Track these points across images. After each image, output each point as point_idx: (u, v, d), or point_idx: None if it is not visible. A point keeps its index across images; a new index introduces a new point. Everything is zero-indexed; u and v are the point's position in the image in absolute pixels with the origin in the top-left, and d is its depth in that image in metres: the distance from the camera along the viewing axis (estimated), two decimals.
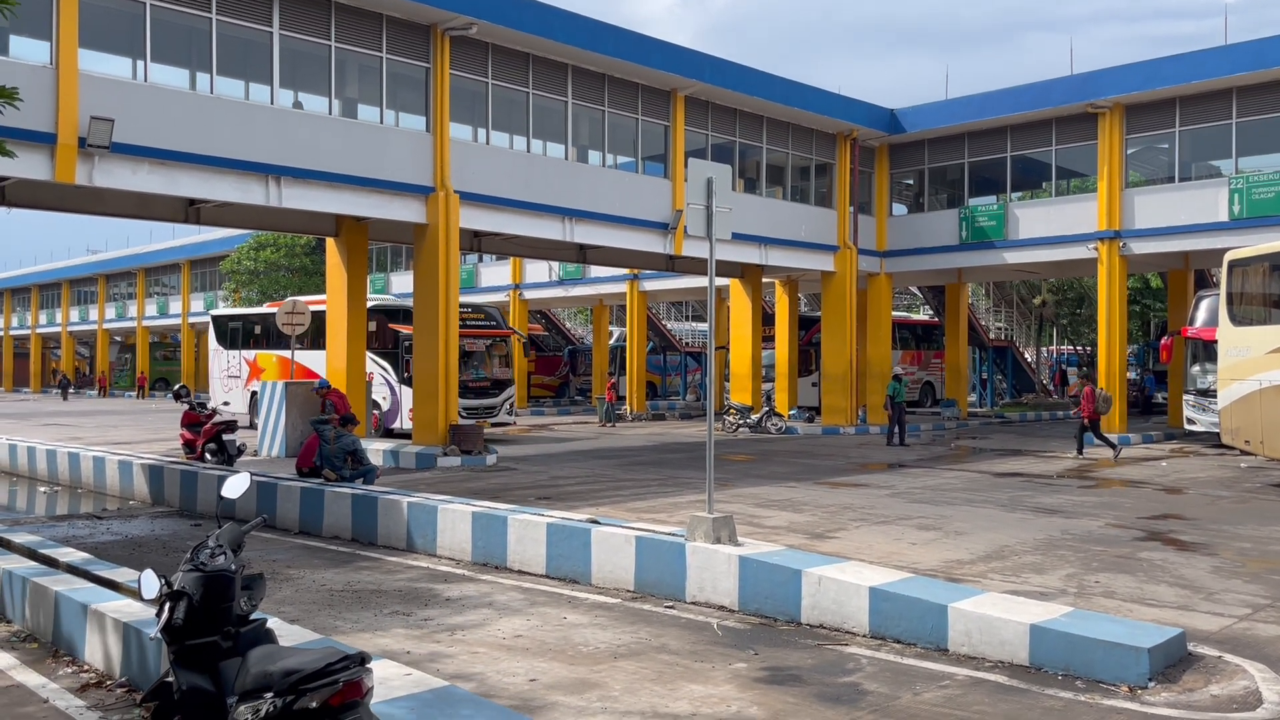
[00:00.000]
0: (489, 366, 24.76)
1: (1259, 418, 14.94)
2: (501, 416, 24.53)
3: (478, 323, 24.83)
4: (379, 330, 23.94)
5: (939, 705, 5.62)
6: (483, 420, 22.89)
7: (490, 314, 25.68)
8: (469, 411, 22.51)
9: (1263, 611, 7.56)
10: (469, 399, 22.95)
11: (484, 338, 24.71)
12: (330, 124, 17.55)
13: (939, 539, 10.60)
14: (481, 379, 24.28)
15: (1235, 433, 15.82)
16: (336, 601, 8.15)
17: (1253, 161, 23.28)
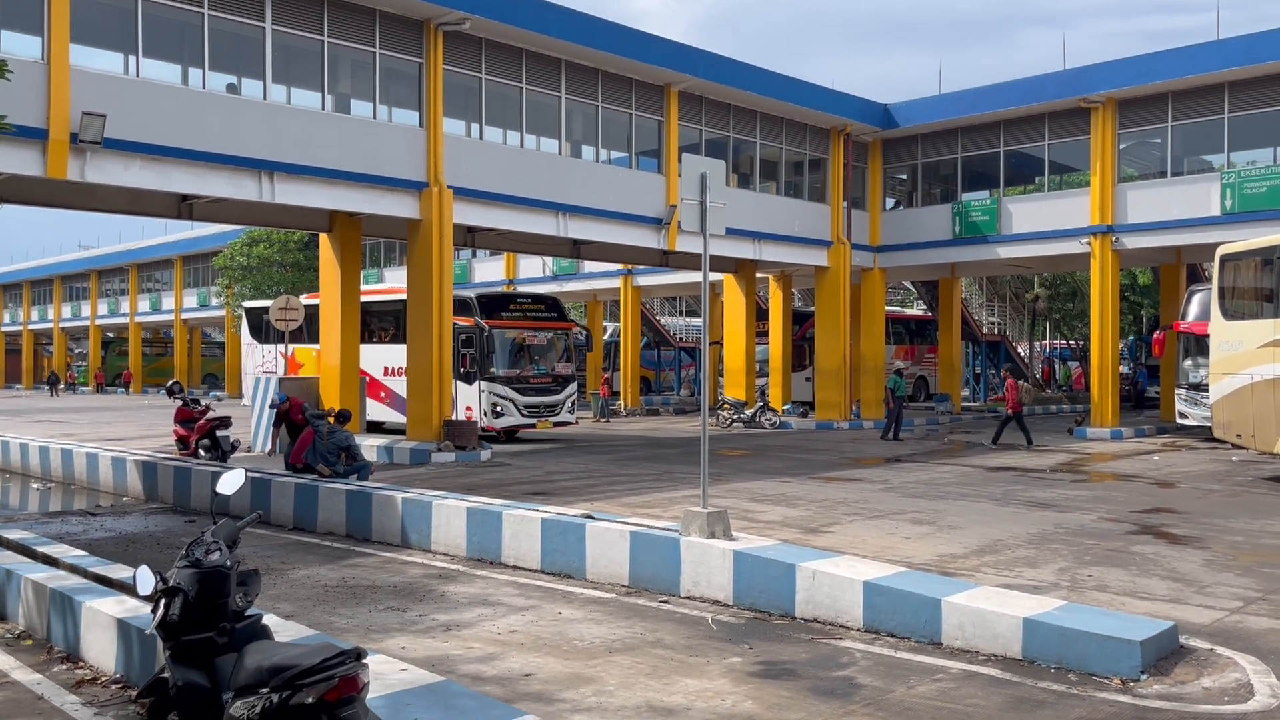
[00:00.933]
0: (550, 361, 22.95)
1: (1250, 411, 14.98)
2: (563, 415, 22.82)
3: (538, 313, 23.19)
4: None
5: (933, 698, 5.64)
6: (544, 420, 22.15)
7: (552, 304, 23.85)
8: (529, 410, 21.76)
9: (1254, 604, 7.60)
10: (530, 396, 21.91)
11: (545, 330, 23.00)
12: (323, 119, 17.51)
13: (932, 533, 10.64)
14: (543, 375, 22.52)
15: (1227, 426, 15.86)
16: (331, 597, 8.15)
17: (1245, 156, 23.36)
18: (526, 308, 22.94)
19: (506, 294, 24.26)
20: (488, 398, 21.35)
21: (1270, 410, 14.41)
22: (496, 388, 21.39)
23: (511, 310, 22.50)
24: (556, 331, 23.24)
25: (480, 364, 21.39)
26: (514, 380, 21.68)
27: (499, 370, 21.56)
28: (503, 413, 21.40)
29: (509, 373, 21.73)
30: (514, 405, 21.51)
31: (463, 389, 21.57)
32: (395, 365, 22.74)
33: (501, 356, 21.74)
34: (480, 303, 21.95)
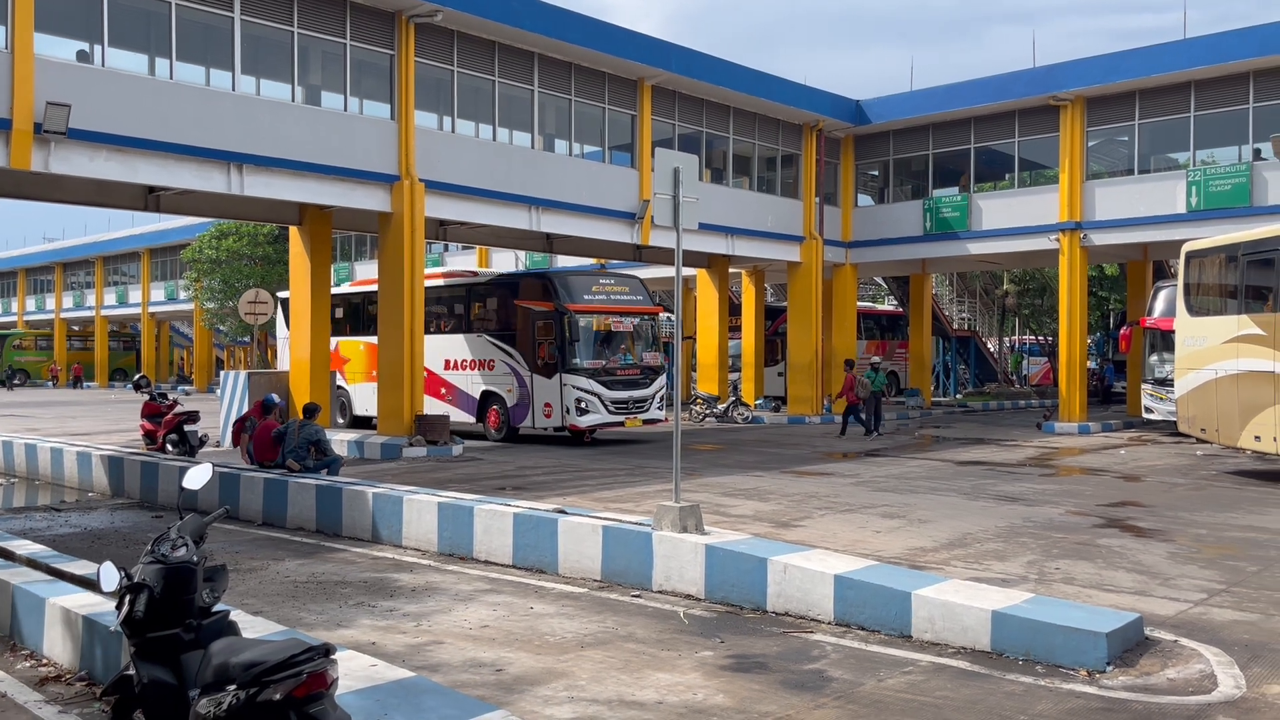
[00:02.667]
0: (638, 350, 20.50)
1: (1214, 406, 15.16)
2: (653, 412, 20.27)
3: (621, 296, 20.48)
4: (502, 308, 20.77)
5: (902, 691, 5.68)
6: (632, 417, 19.72)
7: (637, 286, 21.28)
8: (617, 407, 19.44)
9: (1218, 596, 7.71)
10: (617, 391, 19.53)
11: (632, 314, 20.35)
12: (293, 111, 17.34)
13: (903, 527, 10.71)
14: (630, 366, 20.03)
15: (1191, 421, 16.06)
16: (301, 593, 8.09)
17: (1210, 154, 23.66)
18: (611, 290, 20.32)
19: (589, 274, 21.45)
20: (571, 392, 19.03)
21: (1234, 405, 14.59)
22: (580, 381, 19.08)
23: (595, 293, 19.93)
24: (644, 317, 20.72)
25: (561, 354, 19.06)
26: (599, 372, 19.31)
27: (582, 361, 19.17)
28: (587, 409, 19.11)
29: (594, 364, 19.33)
30: (600, 401, 19.17)
31: (540, 383, 19.56)
32: (460, 358, 21.25)
33: (586, 345, 19.35)
34: (561, 284, 19.68)
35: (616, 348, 19.97)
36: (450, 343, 21.51)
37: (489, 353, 20.57)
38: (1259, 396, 13.88)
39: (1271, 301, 13.94)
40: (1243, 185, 21.60)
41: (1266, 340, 13.72)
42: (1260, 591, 7.85)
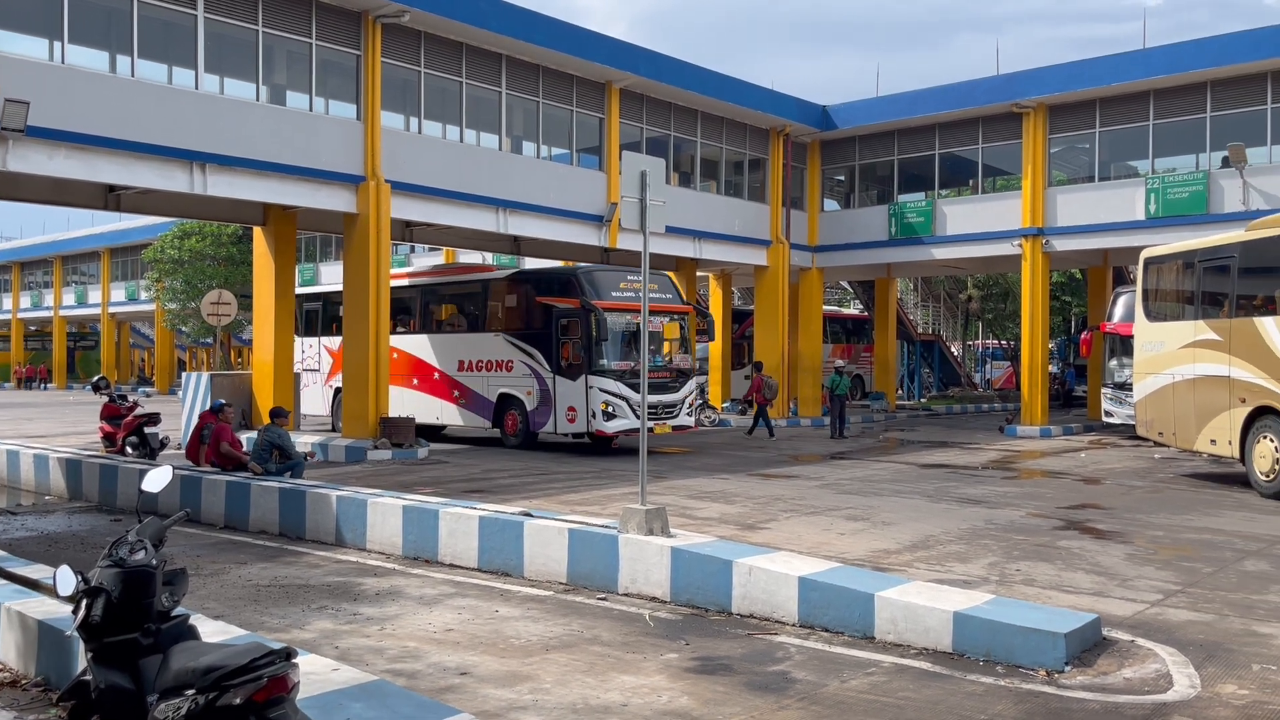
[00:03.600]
0: (668, 351, 19.31)
1: (1171, 410, 15.37)
2: (682, 418, 18.93)
3: (651, 294, 18.72)
4: (522, 305, 19.56)
5: (865, 692, 5.72)
6: (661, 423, 18.35)
7: (667, 282, 20.15)
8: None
9: (1174, 597, 7.84)
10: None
11: (662, 313, 19.11)
12: (257, 110, 17.18)
13: (867, 529, 10.79)
14: (659, 368, 18.67)
15: (1149, 424, 16.27)
16: (263, 597, 8.02)
17: (1168, 162, 24.07)
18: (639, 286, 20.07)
19: (615, 269, 20.35)
20: (597, 396, 17.79)
21: (1190, 409, 14.81)
22: (607, 383, 17.84)
23: (623, 290, 18.59)
24: (674, 315, 19.44)
25: (587, 355, 17.83)
26: (628, 375, 17.87)
27: (609, 362, 17.97)
28: (614, 414, 17.86)
29: (621, 365, 18.04)
30: (628, 405, 17.83)
31: (563, 386, 18.33)
32: (475, 358, 20.13)
33: (613, 346, 18.14)
34: (587, 279, 18.41)
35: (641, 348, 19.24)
36: (464, 342, 20.54)
37: (507, 353, 19.45)
38: (1214, 401, 14.10)
39: (1227, 307, 14.15)
40: (1200, 193, 21.98)
41: (1222, 345, 13.93)
42: (1215, 592, 7.99)
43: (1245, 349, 13.40)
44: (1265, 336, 13.02)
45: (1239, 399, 13.53)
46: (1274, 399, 12.86)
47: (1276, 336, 12.83)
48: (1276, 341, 12.82)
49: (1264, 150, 21.72)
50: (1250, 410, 13.31)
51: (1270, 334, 12.94)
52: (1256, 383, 13.17)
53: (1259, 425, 13.21)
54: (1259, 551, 9.65)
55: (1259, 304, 13.54)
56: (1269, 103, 21.38)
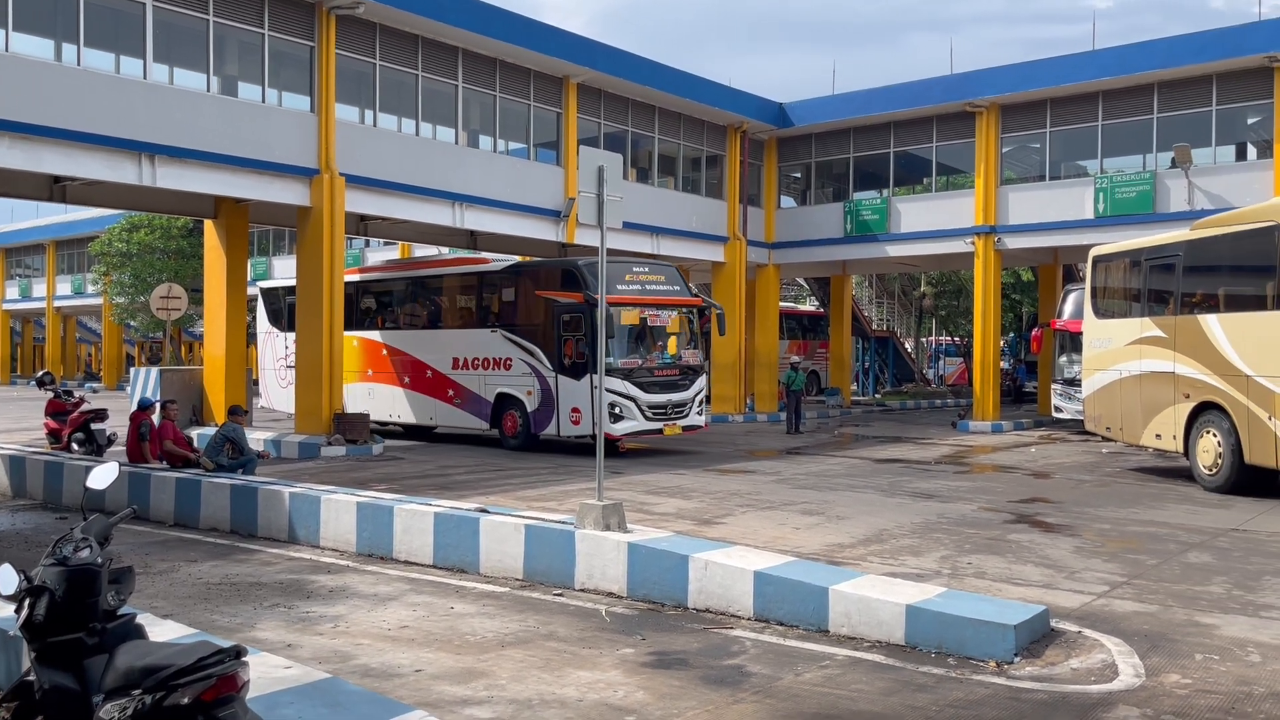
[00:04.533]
0: (676, 347, 18.14)
1: (1118, 406, 15.64)
2: (692, 418, 18.03)
3: (658, 286, 17.98)
4: (521, 299, 18.65)
5: (819, 685, 5.78)
6: (671, 424, 17.50)
7: (674, 274, 18.91)
8: (655, 412, 17.22)
9: (1119, 589, 8.00)
10: (655, 394, 17.24)
11: (671, 307, 18.02)
12: (208, 101, 16.91)
13: (822, 523, 10.88)
14: (668, 365, 17.74)
15: (1097, 420, 16.54)
16: (214, 595, 7.90)
17: (1116, 162, 24.52)
18: (646, 279, 17.86)
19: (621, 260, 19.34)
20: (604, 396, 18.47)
21: (1137, 404, 15.06)
22: (614, 383, 16.69)
23: (629, 282, 17.51)
24: (683, 309, 18.32)
25: (592, 352, 16.56)
26: (635, 373, 17.12)
27: (616, 360, 16.87)
28: (622, 415, 16.88)
29: (629, 363, 17.13)
30: (636, 406, 17.01)
31: (566, 385, 17.32)
32: (471, 356, 19.14)
33: (620, 342, 17.06)
34: (591, 272, 17.09)
35: (653, 345, 17.75)
36: (460, 339, 19.57)
37: (506, 350, 18.43)
38: (1160, 396, 14.37)
39: (1172, 305, 14.42)
40: (1147, 193, 22.42)
41: (1167, 342, 14.19)
42: (1159, 584, 8.17)
43: (1189, 345, 13.64)
44: (1208, 333, 13.27)
45: (1183, 394, 13.78)
46: (1216, 394, 13.09)
47: (1219, 333, 13.08)
48: (1219, 338, 13.07)
49: (1209, 151, 22.21)
50: (1194, 405, 13.56)
51: (1213, 331, 13.19)
52: (1199, 378, 13.41)
53: (1202, 420, 13.47)
54: (1201, 544, 9.88)
55: (1201, 301, 13.83)
56: (1214, 104, 21.85)
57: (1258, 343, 12.44)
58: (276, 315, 23.42)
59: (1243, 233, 13.01)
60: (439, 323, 20.49)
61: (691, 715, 5.28)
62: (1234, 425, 12.77)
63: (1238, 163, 22.69)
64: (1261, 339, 12.39)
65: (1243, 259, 13.26)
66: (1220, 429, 13.09)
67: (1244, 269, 13.40)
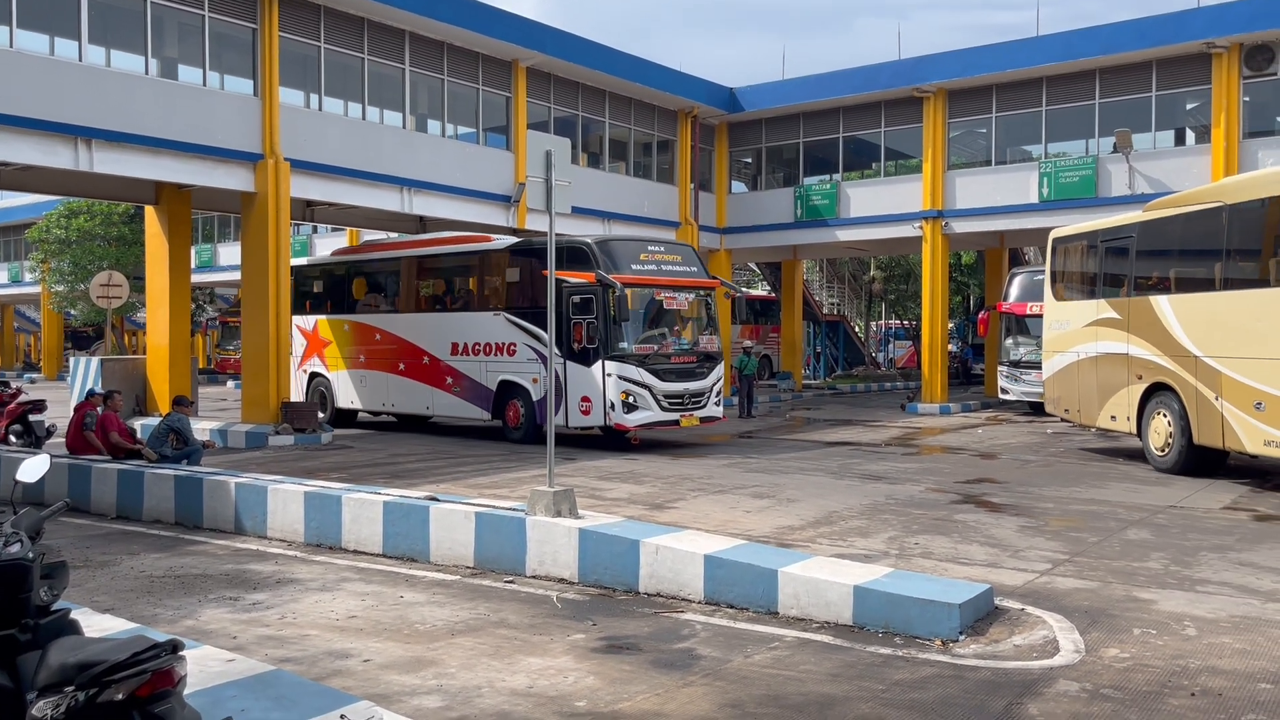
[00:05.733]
0: (693, 332, 16.96)
1: (1076, 387, 15.54)
2: (710, 408, 16.79)
3: (674, 267, 16.76)
4: (526, 280, 17.26)
5: (768, 666, 5.82)
6: (688, 414, 16.32)
7: (690, 254, 17.68)
8: (671, 402, 16.03)
9: (1061, 566, 8.16)
10: (671, 382, 16.06)
11: (687, 289, 16.75)
12: (148, 84, 16.52)
13: (772, 506, 10.96)
14: (685, 351, 16.61)
15: (1056, 402, 16.46)
16: (157, 588, 7.76)
17: (1060, 147, 24.93)
18: (661, 258, 16.70)
19: (634, 238, 18.32)
20: (616, 384, 15.68)
21: (1093, 386, 14.98)
22: (628, 370, 15.68)
23: (643, 262, 16.41)
24: (700, 291, 17.09)
25: (605, 337, 15.69)
26: (650, 359, 15.99)
27: (629, 345, 15.82)
28: (636, 405, 15.76)
29: (643, 348, 15.96)
30: (651, 395, 15.86)
31: (577, 372, 16.05)
32: (471, 341, 17.94)
33: (633, 326, 15.94)
34: (602, 250, 16.12)
35: (669, 329, 16.61)
36: (458, 322, 18.33)
37: (509, 335, 17.24)
38: (1114, 378, 14.34)
39: (1126, 286, 14.31)
40: (1089, 177, 22.80)
41: (1121, 324, 14.13)
42: (1099, 561, 8.35)
43: (1142, 327, 13.60)
44: (1159, 315, 13.22)
45: (1136, 376, 13.76)
46: (1167, 375, 13.06)
47: (1169, 314, 13.03)
48: (1169, 319, 13.00)
49: (1149, 136, 22.64)
50: (1146, 387, 13.54)
51: (1164, 312, 13.14)
52: (1151, 360, 13.38)
53: (1154, 401, 13.45)
54: (1140, 521, 10.11)
55: (1154, 283, 13.77)
56: (1153, 90, 22.27)
57: (1205, 323, 12.39)
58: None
59: (1192, 214, 12.94)
60: (437, 305, 19.25)
61: (641, 699, 5.29)
62: (1183, 406, 12.74)
63: (1177, 147, 23.15)
64: (1209, 320, 12.35)
65: (1192, 240, 13.18)
66: (1171, 410, 13.06)
67: (1193, 251, 13.31)
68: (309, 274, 21.67)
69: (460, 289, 19.16)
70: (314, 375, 20.84)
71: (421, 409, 19.20)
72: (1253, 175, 12.40)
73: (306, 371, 21.07)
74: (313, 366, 20.87)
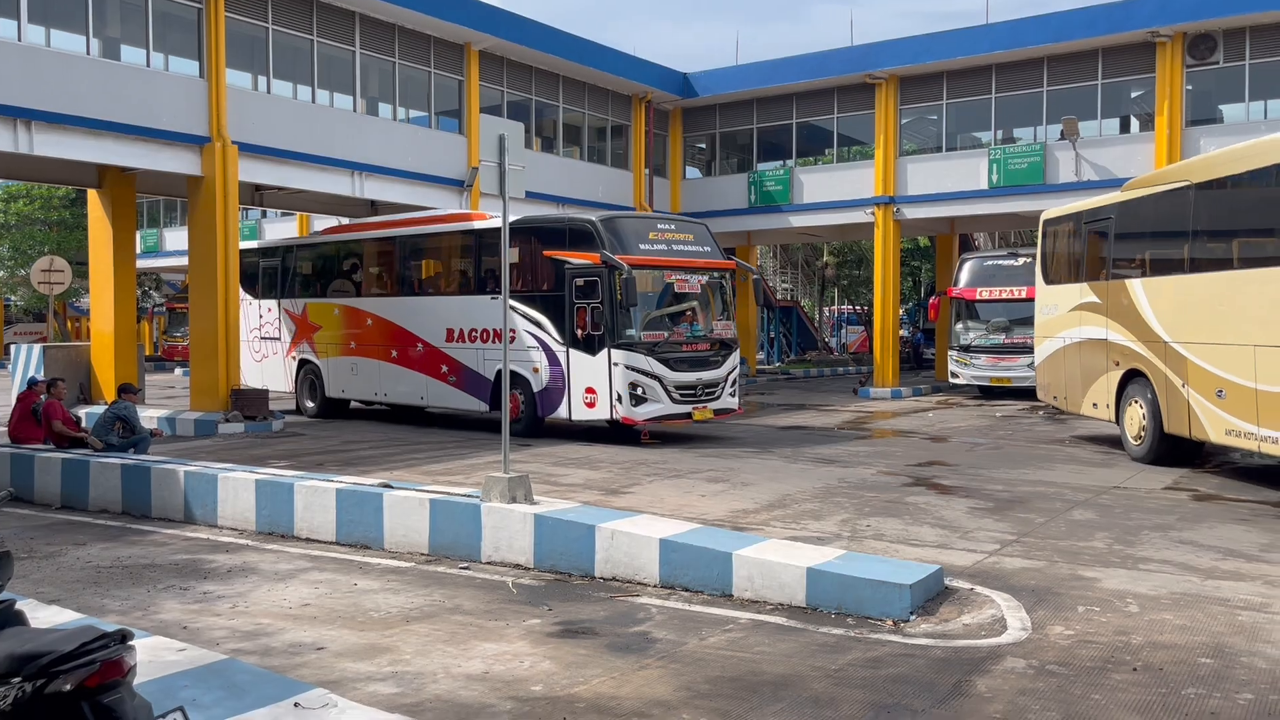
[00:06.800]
0: (707, 319, 15.77)
1: (1063, 374, 14.95)
2: (725, 400, 15.69)
3: (687, 246, 15.60)
4: (527, 261, 16.01)
5: (723, 648, 5.88)
6: (701, 407, 15.17)
7: (704, 233, 16.30)
8: (683, 393, 14.92)
9: (1009, 546, 8.32)
10: (682, 372, 14.97)
11: (700, 270, 15.57)
12: (89, 65, 16.12)
13: (727, 490, 11.04)
14: (698, 338, 15.48)
15: (1046, 389, 15.82)
16: (104, 579, 7.64)
17: (1009, 134, 25.24)
18: (673, 237, 15.51)
19: (642, 215, 17.01)
20: (623, 374, 14.61)
21: (1077, 372, 14.39)
22: (636, 359, 14.60)
23: (653, 241, 15.25)
24: (714, 273, 15.85)
25: (611, 323, 14.62)
26: (660, 347, 14.88)
27: (638, 333, 14.76)
28: (645, 396, 14.64)
29: (653, 335, 14.85)
30: (661, 386, 14.74)
31: (579, 361, 15.04)
32: (467, 327, 16.81)
33: (643, 312, 14.81)
34: (609, 229, 14.93)
35: (681, 315, 15.43)
36: (455, 307, 17.16)
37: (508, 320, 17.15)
38: (1095, 364, 13.78)
39: (1105, 269, 13.69)
40: (1037, 164, 23.15)
41: (1101, 308, 13.56)
42: (1045, 540, 8.52)
43: (1119, 311, 13.06)
44: (1134, 298, 12.68)
45: (1114, 362, 13.23)
46: (1140, 361, 12.53)
47: (1142, 298, 12.48)
48: (1142, 303, 12.45)
49: (1095, 124, 23.03)
50: (1122, 373, 13.03)
51: (1137, 296, 12.60)
52: (1127, 345, 12.84)
53: (1130, 388, 12.93)
54: (1086, 501, 10.33)
55: (1130, 265, 13.22)
56: (1099, 78, 22.64)
57: (1174, 308, 11.85)
58: (251, 280, 20.69)
59: (1161, 194, 12.33)
60: (431, 288, 18.18)
61: (597, 683, 5.32)
62: (1155, 394, 12.22)
63: (1122, 135, 23.57)
64: (1177, 304, 11.80)
65: (1163, 221, 12.53)
66: (1144, 398, 12.54)
67: (1164, 232, 12.70)
68: (296, 253, 20.70)
69: (456, 270, 17.90)
70: (303, 363, 19.84)
71: (415, 399, 18.16)
72: (1218, 153, 11.63)
73: (295, 359, 20.07)
74: (302, 353, 19.86)
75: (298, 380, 20.08)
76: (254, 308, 20.82)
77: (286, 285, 20.39)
